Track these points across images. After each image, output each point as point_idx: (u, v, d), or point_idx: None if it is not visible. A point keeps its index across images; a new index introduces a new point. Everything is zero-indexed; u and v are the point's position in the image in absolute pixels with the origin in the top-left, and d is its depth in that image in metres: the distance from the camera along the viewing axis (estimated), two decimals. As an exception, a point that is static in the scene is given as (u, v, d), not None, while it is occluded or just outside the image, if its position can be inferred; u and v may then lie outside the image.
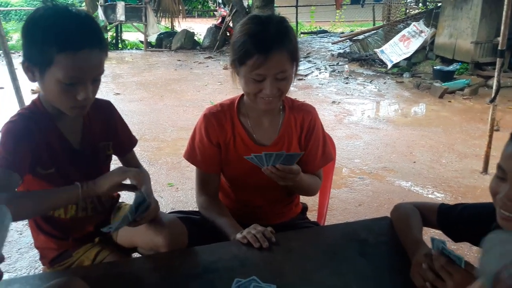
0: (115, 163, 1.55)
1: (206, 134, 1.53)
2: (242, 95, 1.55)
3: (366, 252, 1.28)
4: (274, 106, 1.45)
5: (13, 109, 1.35)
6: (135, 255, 1.53)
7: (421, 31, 9.19)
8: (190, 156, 1.58)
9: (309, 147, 1.57)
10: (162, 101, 6.63)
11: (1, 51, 10.54)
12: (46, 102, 1.31)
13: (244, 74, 1.37)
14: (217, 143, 1.54)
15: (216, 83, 8.05)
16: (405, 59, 9.09)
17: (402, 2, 10.82)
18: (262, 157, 1.29)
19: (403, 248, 1.25)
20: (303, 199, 1.82)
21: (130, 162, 1.62)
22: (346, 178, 3.83)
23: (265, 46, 1.30)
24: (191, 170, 4.02)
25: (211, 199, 1.57)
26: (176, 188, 3.59)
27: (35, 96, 1.36)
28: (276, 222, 1.64)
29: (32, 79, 1.23)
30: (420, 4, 11.37)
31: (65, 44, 1.14)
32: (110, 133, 1.50)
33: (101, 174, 1.48)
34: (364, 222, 1.51)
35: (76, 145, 1.40)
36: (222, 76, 8.79)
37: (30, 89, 6.14)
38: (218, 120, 1.53)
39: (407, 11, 10.92)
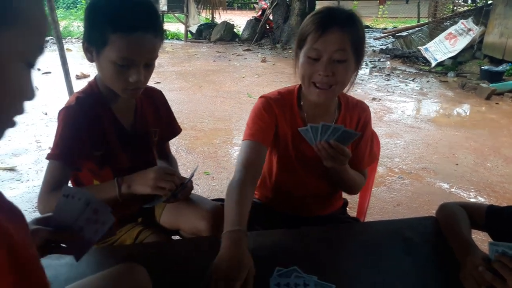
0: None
1: (265, 110, 1.44)
2: (299, 87, 1.49)
3: (410, 251, 1.24)
4: (326, 97, 1.36)
5: (61, 93, 1.38)
6: (175, 237, 1.55)
7: (469, 29, 8.85)
8: (246, 134, 1.44)
9: (360, 145, 1.51)
10: (201, 92, 6.70)
11: (49, 37, 10.98)
12: (102, 84, 1.34)
13: (302, 55, 1.33)
14: (275, 121, 1.45)
15: (253, 76, 8.04)
16: (450, 58, 8.79)
17: (450, -1, 10.46)
18: (318, 128, 1.22)
19: (450, 248, 1.20)
20: (343, 195, 1.78)
21: (163, 148, 1.65)
22: (385, 177, 3.74)
23: (326, 23, 1.27)
24: (227, 160, 4.09)
25: (245, 178, 1.35)
26: (212, 177, 3.61)
27: (80, 81, 1.39)
28: (317, 215, 1.62)
29: (91, 59, 1.26)
30: (469, 1, 10.93)
31: (119, 25, 1.16)
32: (159, 120, 1.53)
33: (147, 159, 1.50)
34: (408, 221, 1.46)
35: (128, 128, 1.42)
36: (260, 68, 8.78)
37: (75, 75, 6.40)
38: (278, 105, 1.46)
39: (455, 8, 10.54)
